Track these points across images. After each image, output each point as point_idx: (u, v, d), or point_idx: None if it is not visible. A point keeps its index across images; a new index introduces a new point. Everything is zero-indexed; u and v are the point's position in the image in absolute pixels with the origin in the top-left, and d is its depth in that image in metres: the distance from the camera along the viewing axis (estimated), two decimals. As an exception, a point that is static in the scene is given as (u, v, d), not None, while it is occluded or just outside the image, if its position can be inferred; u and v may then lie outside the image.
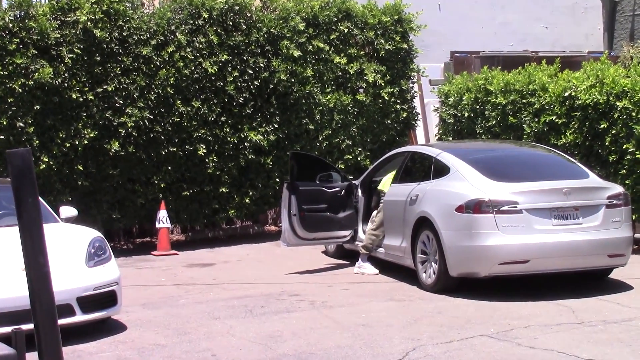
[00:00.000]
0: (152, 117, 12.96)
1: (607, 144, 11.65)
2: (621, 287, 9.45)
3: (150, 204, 13.15)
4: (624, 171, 11.40)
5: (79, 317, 7.69)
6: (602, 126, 11.68)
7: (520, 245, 8.94)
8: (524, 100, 13.11)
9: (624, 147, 11.38)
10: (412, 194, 10.08)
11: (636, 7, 20.01)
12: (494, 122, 13.59)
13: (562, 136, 12.28)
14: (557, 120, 12.40)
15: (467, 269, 9.22)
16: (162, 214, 12.90)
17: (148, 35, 13.00)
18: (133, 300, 9.17)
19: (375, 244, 10.79)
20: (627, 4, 20.21)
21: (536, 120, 12.76)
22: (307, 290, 9.83)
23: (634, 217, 10.67)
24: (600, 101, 11.74)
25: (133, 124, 12.77)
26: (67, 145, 12.39)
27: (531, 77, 13.18)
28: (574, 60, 16.86)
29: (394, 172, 11.04)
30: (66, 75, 12.36)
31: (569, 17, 21.12)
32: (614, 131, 11.57)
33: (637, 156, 11.19)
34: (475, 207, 9.03)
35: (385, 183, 11.12)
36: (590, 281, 9.65)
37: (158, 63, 13.03)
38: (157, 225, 12.92)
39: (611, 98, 11.65)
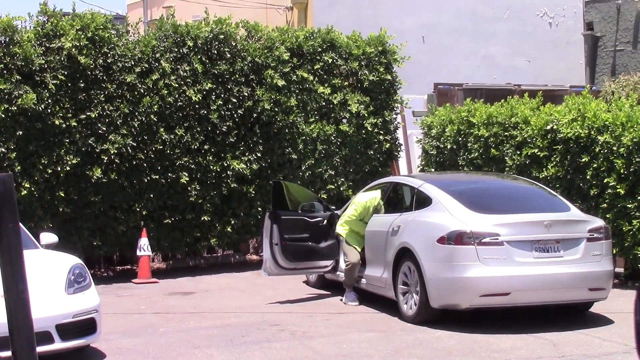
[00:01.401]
0: (135, 144, 12.93)
1: (588, 177, 11.72)
2: (602, 320, 9.47)
3: (131, 232, 13.09)
4: (605, 205, 11.47)
5: (58, 345, 7.62)
6: (583, 160, 11.76)
7: (501, 277, 8.95)
8: (506, 133, 13.18)
9: (605, 180, 11.45)
10: (394, 224, 10.09)
11: (617, 43, 20.24)
12: (477, 154, 13.65)
13: (544, 169, 12.35)
14: (539, 153, 12.47)
15: (448, 301, 9.21)
16: (144, 241, 12.84)
17: (132, 63, 13.01)
18: (113, 328, 9.10)
19: (353, 277, 10.81)
20: (609, 40, 20.44)
21: (518, 153, 12.83)
22: (287, 320, 9.79)
23: (614, 251, 10.72)
24: (582, 135, 11.82)
25: (116, 151, 12.74)
26: (49, 171, 12.35)
27: (514, 110, 13.27)
28: (556, 94, 17.01)
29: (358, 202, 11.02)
30: (50, 101, 12.34)
31: (552, 52, 21.33)
32: (595, 165, 11.65)
33: (618, 190, 11.26)
34: (457, 238, 9.05)
35: (347, 220, 11.10)
36: (571, 314, 9.67)
37: (142, 90, 13.03)
38: (138, 253, 12.86)
39: (592, 132, 11.74)
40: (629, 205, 11.19)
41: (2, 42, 12.29)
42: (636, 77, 18.55)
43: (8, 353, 3.58)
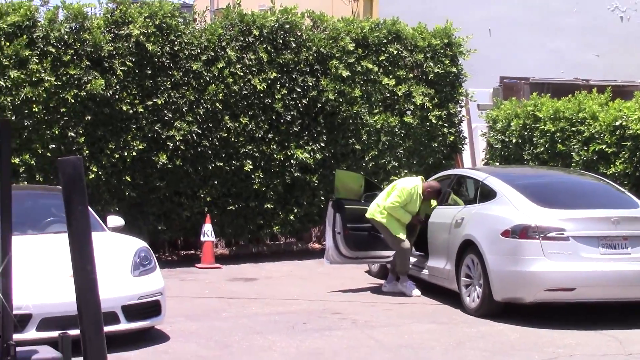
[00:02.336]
0: (200, 131, 13.05)
1: (657, 174, 11.49)
2: (669, 319, 9.29)
3: (195, 217, 13.22)
4: (674, 202, 11.22)
5: (124, 325, 7.75)
6: (653, 156, 11.53)
7: (566, 272, 8.83)
8: (573, 128, 12.99)
9: (675, 178, 11.22)
10: (458, 216, 10.03)
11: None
12: (542, 149, 13.48)
13: (612, 165, 12.15)
14: (606, 149, 12.27)
15: (511, 294, 9.13)
16: (207, 227, 12.96)
17: (199, 51, 13.12)
18: (176, 312, 9.20)
19: (408, 263, 10.75)
20: (681, 35, 19.97)
21: (585, 148, 12.64)
22: (349, 309, 9.80)
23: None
24: (652, 131, 11.59)
25: (181, 138, 12.88)
26: (116, 156, 12.53)
27: (581, 105, 13.07)
28: (626, 90, 16.69)
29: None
30: (117, 87, 12.52)
31: (622, 47, 20.90)
32: (665, 161, 11.41)
33: (688, 188, 11.02)
34: (522, 232, 8.96)
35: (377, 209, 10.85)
36: (638, 312, 9.49)
37: (208, 78, 13.14)
38: (202, 239, 12.99)
39: (663, 128, 11.51)
40: (699, 204, 10.93)
41: (73, 28, 12.50)
42: None
43: (77, 331, 3.64)
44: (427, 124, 14.75)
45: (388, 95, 14.54)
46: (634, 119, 11.92)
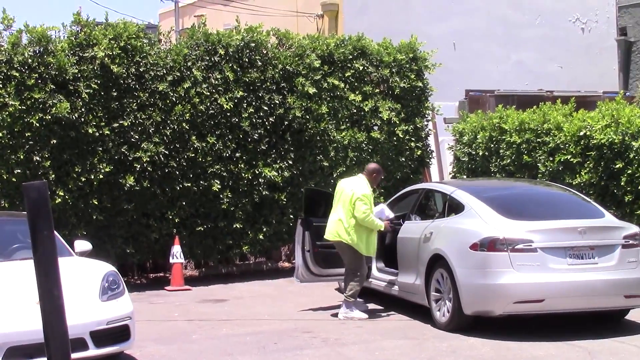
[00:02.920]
0: (167, 152, 13.01)
1: (622, 183, 11.62)
2: (638, 328, 9.35)
3: (164, 239, 13.15)
4: (640, 211, 11.35)
5: (92, 352, 7.66)
6: (617, 166, 11.66)
7: (535, 284, 8.88)
8: (538, 139, 13.10)
9: (640, 186, 11.34)
10: (426, 231, 10.05)
11: (651, 48, 20.04)
12: (509, 160, 13.58)
13: (577, 175, 12.26)
14: (572, 160, 12.38)
15: (481, 308, 9.16)
16: (176, 249, 12.89)
17: (164, 71, 13.09)
18: (146, 335, 9.14)
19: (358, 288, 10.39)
20: (642, 45, 20.25)
21: (551, 159, 12.75)
22: (320, 327, 9.78)
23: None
24: (616, 141, 11.73)
25: (148, 159, 12.82)
26: (83, 179, 12.45)
27: (546, 116, 13.19)
28: (589, 100, 16.88)
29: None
30: (83, 110, 12.45)
31: (584, 57, 21.17)
32: (629, 171, 11.54)
33: (653, 196, 11.15)
34: (490, 244, 9.00)
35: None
36: (606, 322, 9.56)
37: (174, 99, 13.10)
38: (171, 261, 12.92)
39: (627, 138, 11.65)
40: (664, 212, 11.07)
41: (37, 52, 12.41)
42: (670, 82, 18.36)
43: (44, 359, 3.60)
44: (394, 138, 14.80)
45: (355, 111, 14.58)
46: (598, 129, 12.05)
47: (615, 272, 9.09)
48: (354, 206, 10.25)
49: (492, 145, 14.06)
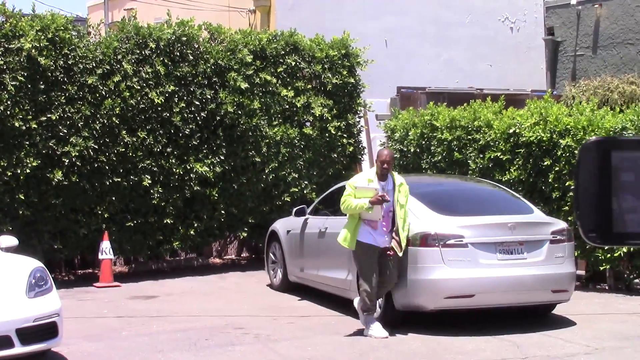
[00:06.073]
0: (96, 146, 12.79)
1: (550, 180, 11.81)
2: (564, 322, 9.53)
3: (93, 235, 12.93)
4: (567, 208, 11.55)
5: (18, 349, 7.48)
6: (545, 163, 11.84)
7: (465, 279, 8.97)
8: (469, 137, 13.23)
9: (567, 184, 11.54)
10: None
11: (577, 48, 20.44)
12: (440, 157, 13.69)
13: (507, 172, 12.42)
14: (501, 157, 12.53)
15: (413, 303, 9.21)
16: (105, 244, 12.68)
17: (94, 64, 12.87)
18: (74, 333, 8.96)
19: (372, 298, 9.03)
20: (569, 45, 20.64)
21: (481, 156, 12.89)
22: (251, 323, 9.73)
23: (576, 254, 10.80)
24: (544, 138, 11.91)
25: (77, 154, 12.58)
26: (9, 173, 12.15)
27: (476, 113, 13.33)
28: (518, 98, 17.09)
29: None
30: (9, 102, 12.16)
31: (513, 56, 21.49)
32: (557, 168, 11.73)
33: (580, 193, 11.34)
34: (421, 240, 9.06)
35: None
36: (534, 316, 9.71)
37: (103, 92, 12.89)
38: (100, 257, 12.70)
39: (554, 136, 11.83)
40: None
41: (-39, 42, 12.09)
42: (596, 81, 18.74)
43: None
44: (327, 134, 14.81)
45: (287, 106, 14.54)
46: (527, 127, 12.22)
47: (543, 267, 9.24)
48: None
49: (423, 142, 14.16)
